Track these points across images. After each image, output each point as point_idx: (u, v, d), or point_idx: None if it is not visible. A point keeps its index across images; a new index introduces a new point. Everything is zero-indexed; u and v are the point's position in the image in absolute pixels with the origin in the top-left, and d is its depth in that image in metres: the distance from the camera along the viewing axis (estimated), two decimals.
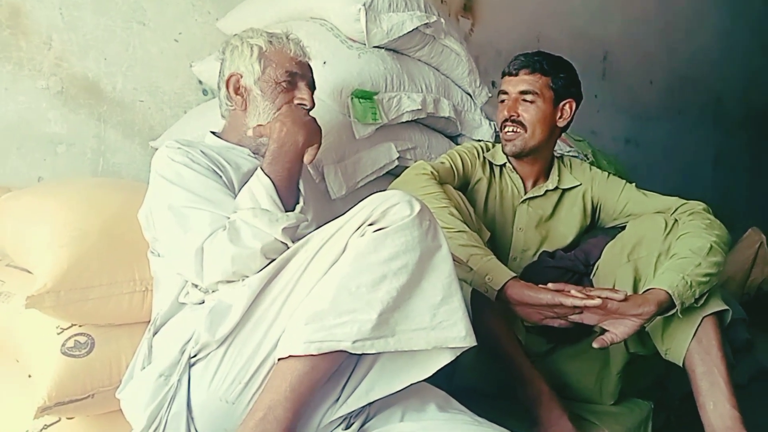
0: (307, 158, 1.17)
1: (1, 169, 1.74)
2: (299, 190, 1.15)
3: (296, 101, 1.25)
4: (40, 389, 1.13)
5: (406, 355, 1.01)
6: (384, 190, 1.05)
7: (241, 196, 1.10)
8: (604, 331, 1.26)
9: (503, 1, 2.92)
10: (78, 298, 1.18)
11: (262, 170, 1.11)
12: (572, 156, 1.85)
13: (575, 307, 1.21)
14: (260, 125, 1.21)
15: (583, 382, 1.47)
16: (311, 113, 1.26)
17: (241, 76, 1.25)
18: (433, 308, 0.97)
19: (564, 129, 1.59)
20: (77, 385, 1.16)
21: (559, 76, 1.52)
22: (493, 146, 1.64)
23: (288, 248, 1.05)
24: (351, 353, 0.95)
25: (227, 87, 1.26)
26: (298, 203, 1.13)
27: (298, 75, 1.26)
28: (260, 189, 1.08)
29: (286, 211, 1.09)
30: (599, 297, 1.20)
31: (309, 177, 1.43)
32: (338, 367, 0.99)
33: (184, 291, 1.12)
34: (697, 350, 1.27)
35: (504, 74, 1.56)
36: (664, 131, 3.80)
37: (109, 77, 1.89)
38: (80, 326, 1.23)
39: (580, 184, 1.60)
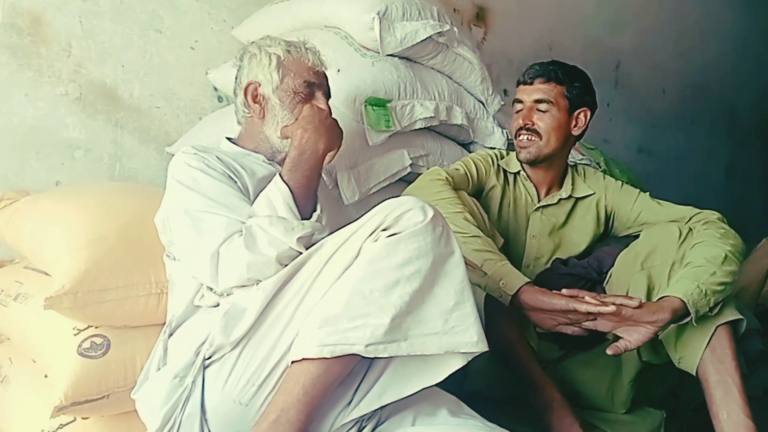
0: (326, 160, 1.19)
1: (20, 173, 1.77)
2: (317, 197, 1.16)
3: None
4: (57, 389, 1.15)
5: (418, 359, 1.01)
6: (397, 196, 1.06)
7: (258, 202, 1.11)
8: (617, 338, 1.26)
9: (515, 10, 2.93)
10: (95, 300, 1.20)
11: (281, 177, 1.12)
12: (585, 164, 1.85)
13: (589, 313, 1.21)
14: (286, 126, 1.22)
15: (595, 389, 1.46)
16: None
17: (260, 85, 1.26)
18: (445, 313, 0.97)
19: (579, 138, 1.59)
20: (93, 386, 1.18)
21: (573, 85, 1.52)
22: (507, 154, 1.65)
23: (302, 254, 1.06)
24: (364, 357, 0.96)
25: (245, 95, 1.27)
26: (315, 211, 1.14)
27: (316, 84, 1.28)
28: (278, 196, 1.09)
29: (303, 219, 1.10)
30: (614, 304, 1.20)
31: (322, 183, 1.44)
32: (351, 370, 1.00)
33: (199, 294, 1.14)
34: (710, 359, 1.26)
35: (519, 83, 1.57)
36: (677, 140, 3.78)
37: (126, 84, 1.92)
38: (96, 328, 1.25)
39: (594, 193, 1.60)
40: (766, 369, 2.29)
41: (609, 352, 1.23)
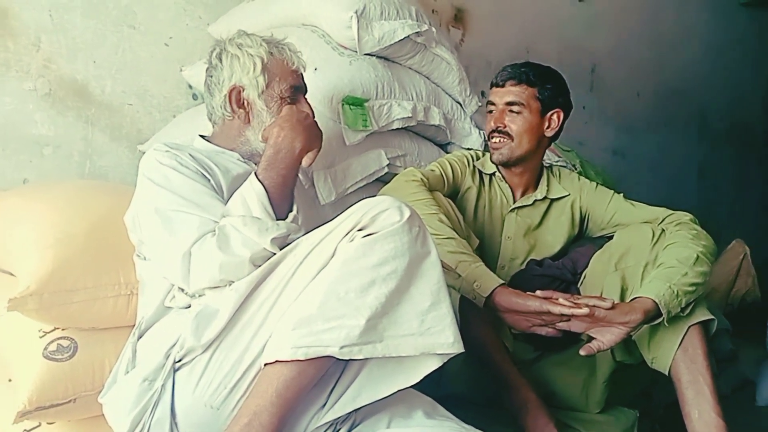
0: (305, 162, 1.17)
1: None
2: (293, 197, 1.14)
3: None
4: (21, 393, 1.12)
5: (393, 361, 1.00)
6: (374, 196, 1.05)
7: (232, 201, 1.09)
8: (591, 339, 1.27)
9: (493, 13, 2.95)
10: (62, 301, 1.17)
11: (256, 176, 1.10)
12: (561, 166, 1.87)
13: (563, 315, 1.22)
14: (266, 128, 1.20)
15: (569, 389, 1.47)
16: None
17: (243, 89, 1.23)
18: (421, 314, 0.97)
19: (553, 139, 1.60)
20: (59, 390, 1.15)
21: (545, 86, 1.53)
22: (483, 155, 1.65)
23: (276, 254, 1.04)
24: (338, 359, 0.95)
25: (229, 100, 1.24)
26: (291, 211, 1.12)
27: (299, 88, 1.27)
28: (252, 195, 1.07)
29: (278, 219, 1.08)
30: (587, 305, 1.21)
31: (299, 182, 1.42)
32: (325, 372, 0.99)
33: (170, 295, 1.11)
34: (683, 359, 1.28)
35: (492, 85, 1.58)
36: (651, 143, 3.84)
37: (97, 80, 1.88)
38: (63, 330, 1.21)
39: (569, 195, 1.61)
40: (735, 368, 2.34)
41: (582, 352, 1.24)
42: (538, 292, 1.25)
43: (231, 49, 1.25)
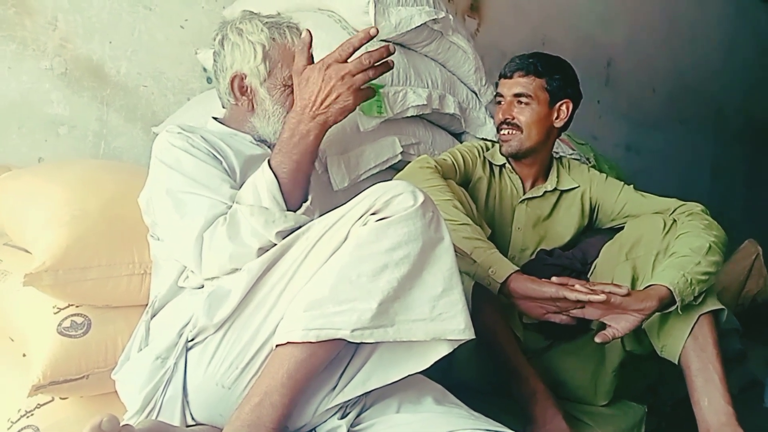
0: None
1: (1, 148, 1.73)
2: (308, 185, 1.11)
3: None
4: (35, 367, 1.13)
5: (404, 345, 1.00)
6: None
7: (245, 188, 1.07)
8: (601, 328, 1.26)
9: (510, 3, 2.92)
10: (76, 278, 1.17)
11: (269, 163, 1.07)
12: (574, 159, 1.86)
13: (578, 301, 1.22)
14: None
15: (578, 379, 1.47)
16: None
17: (245, 77, 1.21)
18: (433, 300, 0.96)
19: (562, 129, 1.60)
20: (72, 365, 1.16)
21: (554, 77, 1.52)
22: (493, 146, 1.65)
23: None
24: (349, 342, 0.95)
25: (231, 87, 1.22)
26: (306, 201, 1.09)
27: None
28: (262, 184, 1.05)
29: (291, 208, 1.06)
30: (603, 292, 1.21)
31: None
32: (336, 355, 0.99)
33: (183, 275, 1.12)
34: (692, 347, 1.28)
35: (500, 76, 1.57)
36: (665, 140, 3.81)
37: (113, 61, 1.88)
38: (77, 307, 1.22)
39: (578, 186, 1.61)
40: (743, 368, 2.33)
41: (597, 340, 1.24)
42: (554, 279, 1.25)
43: (232, 36, 1.22)
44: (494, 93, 1.92)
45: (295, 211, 1.06)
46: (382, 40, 1.67)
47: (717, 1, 4.07)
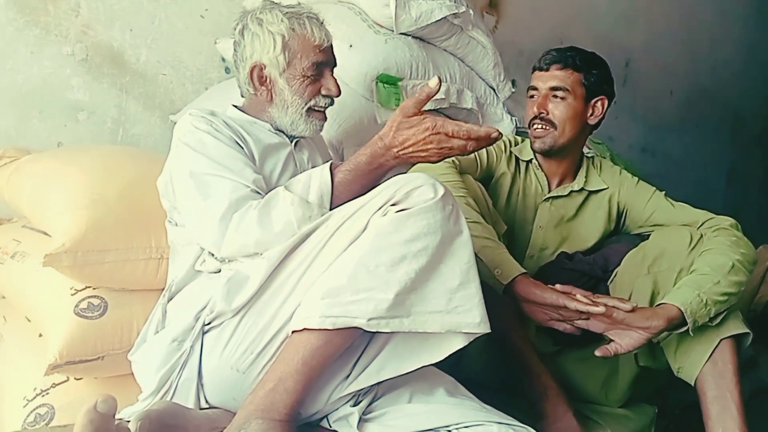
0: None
1: (21, 131, 1.75)
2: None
3: (323, 92, 1.22)
4: (52, 347, 1.15)
5: (419, 337, 1.00)
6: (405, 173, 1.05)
7: (297, 178, 1.08)
8: (612, 340, 1.23)
9: (528, 1, 2.91)
10: (94, 260, 1.19)
11: (331, 169, 1.07)
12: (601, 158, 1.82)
13: (581, 312, 1.19)
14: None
15: (588, 386, 1.45)
16: (336, 100, 1.25)
17: (265, 67, 1.21)
18: (450, 292, 0.96)
19: (595, 127, 1.54)
20: (88, 346, 1.17)
21: (591, 72, 1.48)
22: (522, 141, 1.60)
23: None
24: (365, 330, 0.95)
25: (251, 77, 1.22)
26: None
27: (323, 63, 1.22)
28: (316, 182, 1.06)
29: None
30: (605, 305, 1.17)
31: (328, 156, 1.42)
32: (351, 344, 0.99)
33: (200, 259, 1.12)
34: (711, 372, 1.23)
35: (534, 69, 1.52)
36: (681, 143, 3.78)
37: (133, 48, 1.90)
38: (94, 289, 1.24)
39: (607, 188, 1.55)
40: (754, 374, 2.31)
41: (598, 353, 1.20)
42: (558, 286, 1.22)
43: (252, 26, 1.22)
44: (512, 89, 1.92)
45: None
46: (402, 33, 1.67)
47: (737, 4, 4.03)
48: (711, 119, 3.97)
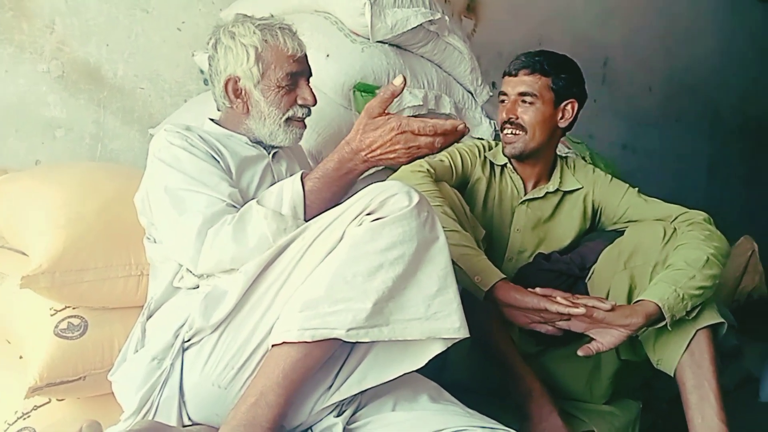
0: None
1: None
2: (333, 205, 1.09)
3: (299, 101, 1.22)
4: (32, 369, 1.14)
5: (399, 344, 1.01)
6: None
7: (269, 190, 1.09)
8: (593, 338, 1.25)
9: (506, 3, 2.93)
10: (73, 280, 1.18)
11: (302, 178, 1.07)
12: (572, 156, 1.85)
13: (560, 313, 1.20)
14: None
15: (573, 383, 1.47)
16: (315, 109, 1.25)
17: (239, 80, 1.21)
18: (428, 299, 0.97)
19: (566, 130, 1.56)
20: (69, 367, 1.17)
21: (560, 76, 1.49)
22: (495, 145, 1.62)
23: None
24: (345, 341, 0.96)
25: (226, 90, 1.22)
26: None
27: (298, 74, 1.22)
28: (288, 194, 1.06)
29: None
30: (585, 305, 1.19)
31: (308, 166, 1.43)
32: (332, 354, 1.00)
33: (178, 275, 1.12)
34: (689, 363, 1.26)
35: (504, 74, 1.54)
36: (661, 138, 3.82)
37: (110, 63, 1.89)
38: (74, 308, 1.23)
39: (582, 187, 1.57)
40: (738, 364, 2.34)
41: (580, 353, 1.22)
42: (537, 290, 1.23)
43: (224, 40, 1.22)
44: (490, 93, 1.93)
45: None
46: (378, 42, 1.68)
47: (713, 0, 4.09)
48: (690, 114, 4.02)
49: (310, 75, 1.27)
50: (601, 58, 3.44)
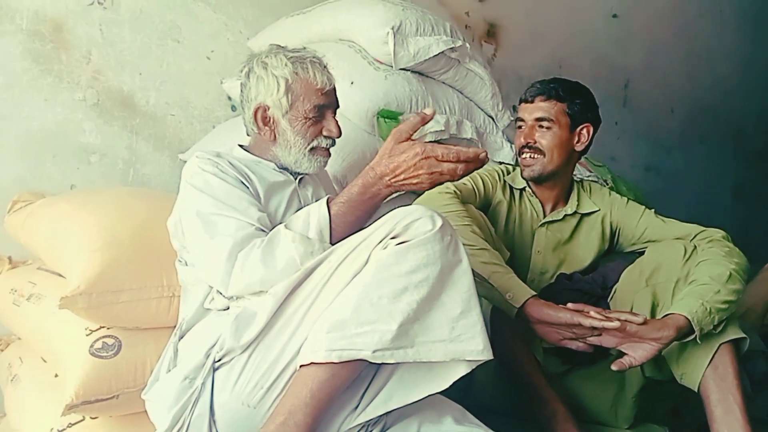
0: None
1: (36, 176, 1.81)
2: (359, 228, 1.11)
3: (325, 132, 1.26)
4: (68, 387, 1.17)
5: (424, 366, 1.02)
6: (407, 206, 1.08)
7: (296, 216, 1.12)
8: (621, 354, 1.26)
9: (526, 28, 2.97)
10: (109, 301, 1.22)
11: (327, 204, 1.09)
12: (592, 181, 1.87)
13: (594, 328, 1.22)
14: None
15: (598, 404, 1.47)
16: (338, 140, 1.29)
17: (268, 108, 1.25)
18: (452, 321, 0.99)
19: (582, 153, 1.61)
20: (103, 385, 1.20)
21: (575, 101, 1.54)
22: (514, 170, 1.66)
23: None
24: (371, 362, 0.98)
25: (255, 118, 1.26)
26: None
27: (325, 106, 1.26)
28: (315, 217, 1.09)
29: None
30: (618, 319, 1.21)
31: (333, 190, 1.46)
32: (358, 375, 1.02)
33: (209, 297, 1.16)
34: (712, 377, 1.27)
35: (521, 101, 1.59)
36: (685, 160, 3.79)
37: (143, 91, 1.97)
38: (108, 329, 1.27)
39: (599, 210, 1.61)
40: None
41: (614, 367, 1.24)
42: (570, 305, 1.25)
43: (257, 69, 1.26)
44: (511, 118, 1.96)
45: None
46: (401, 69, 1.72)
47: (734, 20, 4.07)
48: (713, 135, 3.99)
49: (337, 107, 1.30)
50: (622, 80, 3.44)
